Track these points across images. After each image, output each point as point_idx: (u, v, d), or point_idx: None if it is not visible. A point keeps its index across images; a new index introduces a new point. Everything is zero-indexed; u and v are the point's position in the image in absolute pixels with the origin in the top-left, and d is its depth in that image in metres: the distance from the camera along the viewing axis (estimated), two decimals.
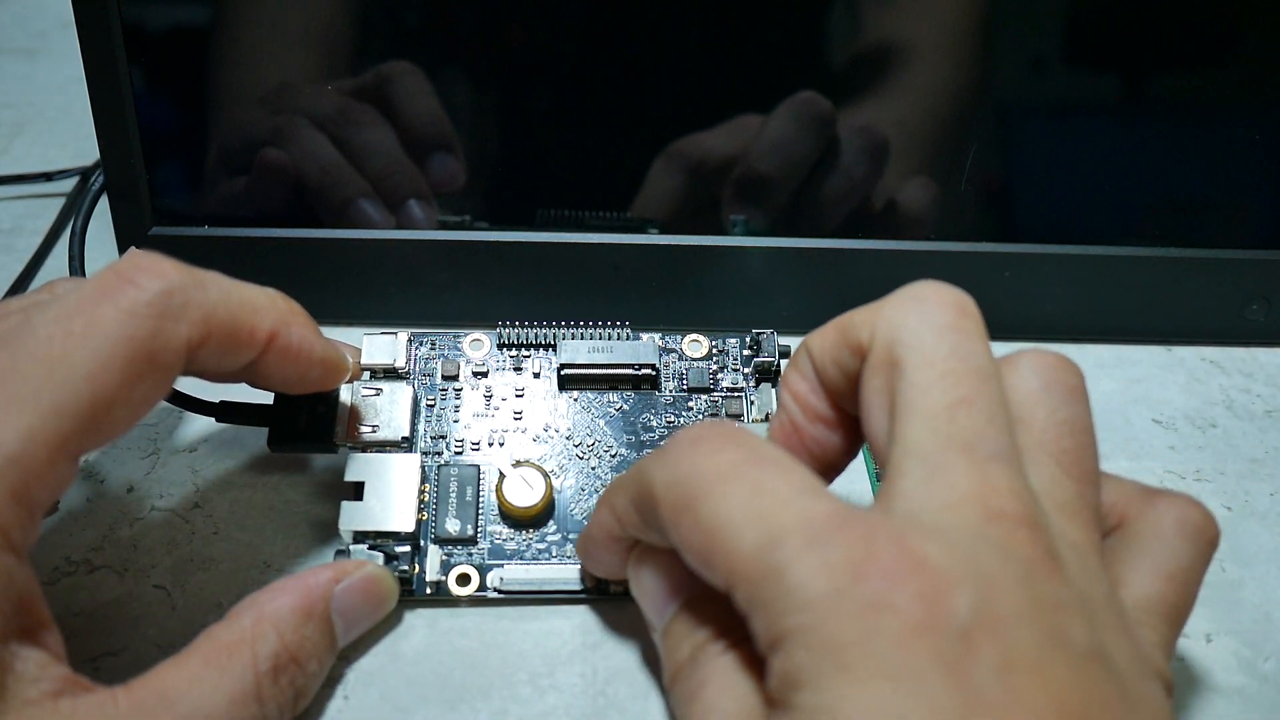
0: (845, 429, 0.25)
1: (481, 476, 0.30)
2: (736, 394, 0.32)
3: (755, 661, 0.22)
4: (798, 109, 0.34)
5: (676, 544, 0.22)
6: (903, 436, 0.21)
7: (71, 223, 0.38)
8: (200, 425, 0.33)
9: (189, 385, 0.29)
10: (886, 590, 0.19)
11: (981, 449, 0.21)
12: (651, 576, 0.25)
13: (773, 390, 0.32)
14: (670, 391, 0.32)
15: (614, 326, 0.33)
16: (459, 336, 0.33)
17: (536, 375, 0.32)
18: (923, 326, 0.22)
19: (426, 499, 0.30)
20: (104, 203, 0.36)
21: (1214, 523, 0.24)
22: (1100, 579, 0.21)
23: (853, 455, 0.26)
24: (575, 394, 0.32)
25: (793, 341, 0.36)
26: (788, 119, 0.34)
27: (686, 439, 0.23)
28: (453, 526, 0.29)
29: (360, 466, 0.29)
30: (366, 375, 0.31)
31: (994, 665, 0.18)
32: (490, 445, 0.31)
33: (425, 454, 0.31)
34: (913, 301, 0.23)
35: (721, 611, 0.23)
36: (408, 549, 0.28)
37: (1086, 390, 0.24)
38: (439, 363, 0.32)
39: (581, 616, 0.29)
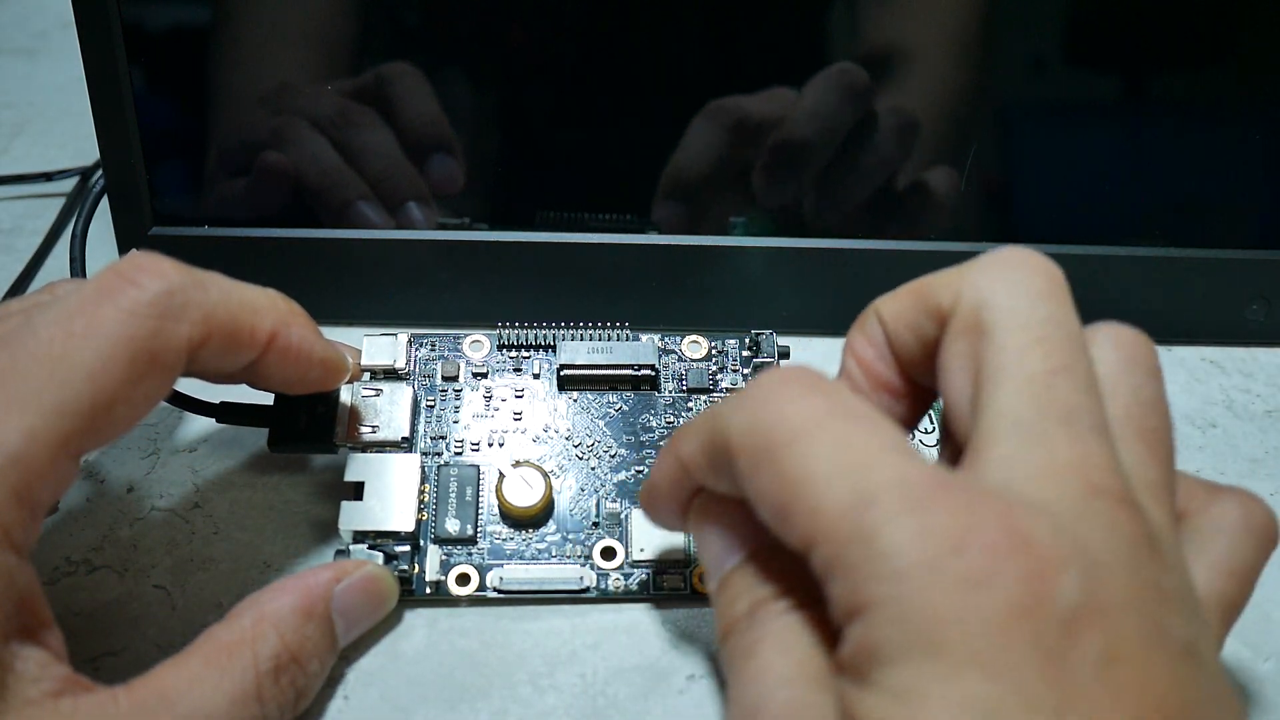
0: (910, 399, 0.24)
1: (481, 477, 0.30)
2: None
3: (821, 625, 0.20)
4: (834, 79, 0.33)
5: (751, 495, 0.21)
6: (993, 403, 0.20)
7: (72, 223, 0.38)
8: (200, 425, 0.34)
9: (189, 385, 0.29)
10: (988, 566, 0.17)
11: (1080, 420, 0.20)
12: (715, 525, 0.23)
13: None
14: (670, 392, 0.32)
15: (614, 327, 0.33)
16: (459, 337, 0.33)
17: (536, 376, 0.32)
18: (1015, 291, 0.21)
19: (426, 499, 0.30)
20: (104, 203, 0.36)
21: (1276, 521, 0.23)
22: (1186, 567, 0.20)
23: (911, 429, 0.25)
24: (575, 395, 0.32)
25: (793, 342, 0.36)
26: (824, 89, 0.33)
27: (767, 384, 0.21)
28: (452, 526, 0.29)
29: (360, 466, 0.29)
30: (366, 376, 0.31)
31: (1095, 658, 0.17)
32: (490, 446, 0.31)
33: (425, 454, 0.31)
34: (1002, 266, 0.22)
35: (788, 569, 0.22)
36: (407, 549, 0.28)
37: (1162, 371, 0.22)
38: (439, 363, 0.32)
39: (581, 616, 0.29)
